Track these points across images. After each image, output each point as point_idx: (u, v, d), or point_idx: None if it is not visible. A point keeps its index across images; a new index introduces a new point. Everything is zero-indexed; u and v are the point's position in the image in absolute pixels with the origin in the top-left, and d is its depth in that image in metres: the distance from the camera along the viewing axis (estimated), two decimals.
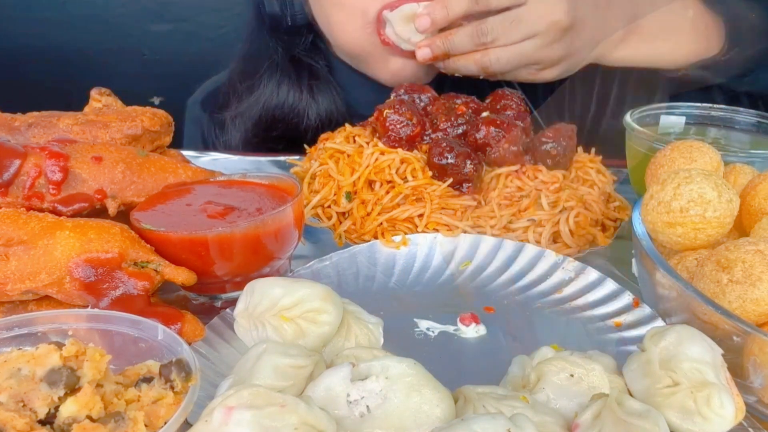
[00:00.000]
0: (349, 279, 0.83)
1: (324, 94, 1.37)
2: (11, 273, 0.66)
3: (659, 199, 0.70)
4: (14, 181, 0.74)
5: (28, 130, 0.86)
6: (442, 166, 0.92)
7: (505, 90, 1.05)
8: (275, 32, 1.39)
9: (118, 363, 0.57)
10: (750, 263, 0.61)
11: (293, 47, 1.38)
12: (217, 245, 0.72)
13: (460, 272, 0.85)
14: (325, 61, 1.40)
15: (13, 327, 0.59)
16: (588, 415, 0.53)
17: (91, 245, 0.67)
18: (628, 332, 0.73)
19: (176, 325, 0.65)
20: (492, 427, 0.49)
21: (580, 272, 0.82)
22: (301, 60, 1.38)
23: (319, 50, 1.40)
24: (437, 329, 0.74)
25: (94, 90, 0.97)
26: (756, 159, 0.94)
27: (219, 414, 0.49)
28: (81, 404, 0.49)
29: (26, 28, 2.25)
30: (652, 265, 0.69)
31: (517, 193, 0.93)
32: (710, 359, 0.56)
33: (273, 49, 1.38)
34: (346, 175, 0.95)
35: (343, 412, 0.54)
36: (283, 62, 1.37)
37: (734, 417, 0.54)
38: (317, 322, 0.64)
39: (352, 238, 0.92)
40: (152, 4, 2.23)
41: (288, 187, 0.82)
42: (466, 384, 0.58)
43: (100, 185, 0.77)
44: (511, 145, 0.95)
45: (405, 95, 1.04)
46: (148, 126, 0.89)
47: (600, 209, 0.94)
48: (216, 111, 1.45)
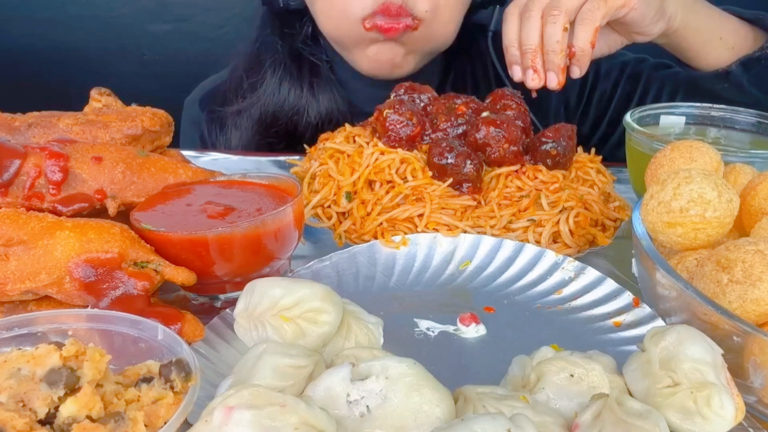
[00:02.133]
0: (349, 279, 0.83)
1: (325, 92, 1.37)
2: (11, 273, 0.66)
3: (659, 199, 0.70)
4: (14, 181, 0.74)
5: (28, 130, 0.86)
6: (442, 166, 0.92)
7: (505, 90, 1.05)
8: (273, 19, 1.39)
9: (118, 363, 0.56)
10: (750, 263, 0.61)
11: (293, 39, 1.38)
12: (217, 245, 0.72)
13: (460, 272, 0.85)
14: (326, 56, 1.40)
15: (13, 327, 0.59)
16: (588, 415, 0.53)
17: (91, 245, 0.67)
18: (628, 332, 0.73)
19: (176, 325, 0.65)
20: (492, 427, 0.49)
21: (580, 272, 0.82)
22: (303, 56, 1.38)
23: (320, 44, 1.40)
24: (437, 329, 0.74)
25: (94, 90, 0.97)
26: (756, 159, 0.94)
27: (219, 414, 0.49)
28: (81, 404, 0.49)
29: (26, 28, 2.25)
30: (652, 265, 0.69)
31: (517, 193, 0.93)
32: (710, 359, 0.56)
33: (274, 46, 1.38)
34: (346, 175, 0.95)
35: (343, 412, 0.54)
36: (284, 59, 1.37)
37: (734, 417, 0.54)
38: (317, 322, 0.64)
39: (352, 238, 0.92)
40: (152, 4, 2.23)
41: (288, 187, 0.82)
42: (466, 384, 0.58)
43: (100, 185, 0.77)
44: (511, 145, 0.95)
45: (405, 95, 1.04)
46: (148, 126, 0.89)
47: (600, 209, 0.94)
48: (214, 110, 1.45)
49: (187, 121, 1.53)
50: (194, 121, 1.51)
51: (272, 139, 1.37)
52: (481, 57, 1.45)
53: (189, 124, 1.53)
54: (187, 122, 1.53)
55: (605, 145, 1.42)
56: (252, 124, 1.39)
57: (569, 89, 1.42)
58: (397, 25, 1.18)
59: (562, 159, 0.97)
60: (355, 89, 1.39)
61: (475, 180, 0.92)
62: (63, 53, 2.25)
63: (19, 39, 2.25)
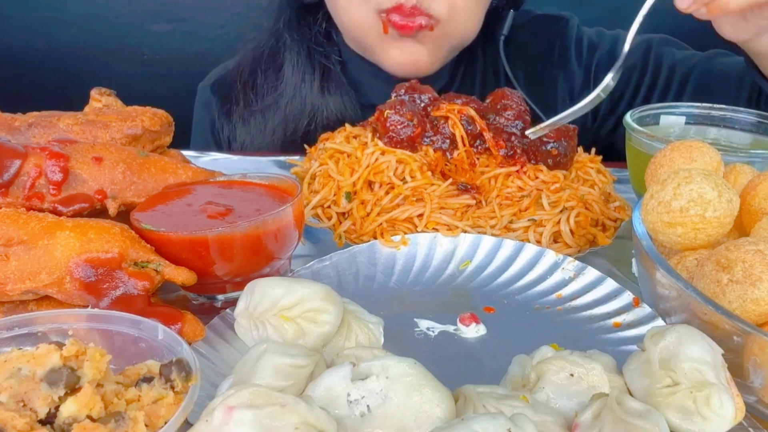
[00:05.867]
0: (349, 279, 0.83)
1: (335, 95, 1.37)
2: (11, 273, 0.66)
3: (659, 199, 0.70)
4: (14, 181, 0.74)
5: (28, 130, 0.86)
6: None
7: (505, 90, 1.05)
8: (289, 13, 1.39)
9: (118, 363, 0.57)
10: (750, 263, 0.61)
11: (308, 33, 1.38)
12: (217, 245, 0.72)
13: (460, 272, 0.85)
14: (339, 55, 1.40)
15: (13, 327, 0.59)
16: (588, 414, 0.53)
17: (92, 245, 0.67)
18: (628, 332, 0.73)
19: (176, 325, 0.65)
20: (492, 426, 0.49)
21: (580, 272, 0.82)
22: (315, 58, 1.38)
23: (333, 40, 1.40)
24: (437, 329, 0.74)
25: (94, 90, 0.97)
26: (756, 159, 0.94)
27: (219, 414, 0.49)
28: (81, 404, 0.49)
29: (26, 28, 2.25)
30: (652, 265, 0.69)
31: (518, 193, 0.93)
32: (710, 359, 0.56)
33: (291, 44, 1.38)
34: (346, 175, 0.95)
35: (343, 411, 0.54)
36: (297, 59, 1.37)
37: (734, 417, 0.54)
38: (317, 321, 0.64)
39: (351, 238, 0.92)
40: (152, 4, 2.23)
41: (288, 187, 0.82)
42: (466, 384, 0.58)
43: (100, 185, 0.77)
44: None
45: (405, 95, 1.04)
46: (148, 126, 0.89)
47: (600, 209, 0.94)
48: (226, 95, 1.45)
49: (199, 106, 1.54)
50: (205, 104, 1.51)
51: (290, 141, 1.37)
52: (492, 59, 1.45)
53: (201, 108, 1.53)
54: (199, 107, 1.54)
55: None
56: (272, 126, 1.39)
57: (571, 78, 1.42)
58: (412, 23, 1.19)
59: (563, 159, 0.97)
60: (371, 87, 1.39)
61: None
62: (63, 53, 2.24)
63: (19, 39, 2.25)
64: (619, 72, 0.92)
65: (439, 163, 0.96)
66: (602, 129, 1.45)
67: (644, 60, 1.38)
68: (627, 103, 1.40)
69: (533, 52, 1.44)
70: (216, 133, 1.48)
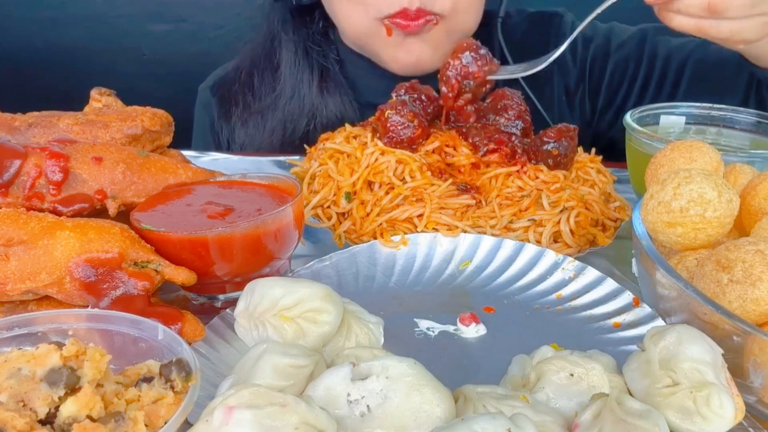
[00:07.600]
0: (349, 279, 0.83)
1: (334, 95, 1.37)
2: (11, 273, 0.66)
3: (659, 199, 0.70)
4: (14, 181, 0.74)
5: (28, 130, 0.86)
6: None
7: (505, 90, 1.05)
8: (285, 13, 1.39)
9: (118, 363, 0.56)
10: (750, 263, 0.61)
11: (304, 33, 1.38)
12: (217, 245, 0.72)
13: (460, 272, 0.85)
14: (336, 54, 1.40)
15: (13, 327, 0.59)
16: (588, 414, 0.53)
17: (92, 245, 0.67)
18: (628, 332, 0.73)
19: (176, 325, 0.65)
20: (492, 426, 0.49)
21: (580, 272, 0.82)
22: (313, 57, 1.38)
23: (330, 40, 1.40)
24: (437, 329, 0.74)
25: (94, 90, 0.97)
26: (756, 159, 0.94)
27: (219, 414, 0.49)
28: (81, 404, 0.49)
29: (26, 28, 2.25)
30: (652, 265, 0.69)
31: (518, 193, 0.93)
32: (710, 359, 0.56)
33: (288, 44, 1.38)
34: (346, 175, 0.95)
35: (343, 411, 0.54)
36: (294, 59, 1.37)
37: (734, 417, 0.54)
38: (317, 321, 0.64)
39: (351, 238, 0.92)
40: (152, 4, 2.23)
41: (288, 187, 0.82)
42: (466, 384, 0.58)
43: (100, 186, 0.77)
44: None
45: (405, 95, 1.04)
46: (148, 126, 0.89)
47: (600, 209, 0.94)
48: (225, 96, 1.45)
49: (199, 108, 1.54)
50: (205, 106, 1.52)
51: (288, 142, 1.37)
52: (488, 43, 1.45)
53: (201, 110, 1.53)
54: (199, 108, 1.54)
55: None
56: (271, 127, 1.39)
57: (566, 73, 1.42)
58: (417, 22, 1.19)
59: (563, 159, 0.97)
60: (369, 85, 1.39)
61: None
62: (63, 53, 2.25)
63: (19, 39, 2.25)
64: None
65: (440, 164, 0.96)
66: (602, 122, 1.45)
67: (639, 50, 1.38)
68: (624, 94, 1.40)
69: (528, 49, 1.44)
70: (216, 134, 1.48)
